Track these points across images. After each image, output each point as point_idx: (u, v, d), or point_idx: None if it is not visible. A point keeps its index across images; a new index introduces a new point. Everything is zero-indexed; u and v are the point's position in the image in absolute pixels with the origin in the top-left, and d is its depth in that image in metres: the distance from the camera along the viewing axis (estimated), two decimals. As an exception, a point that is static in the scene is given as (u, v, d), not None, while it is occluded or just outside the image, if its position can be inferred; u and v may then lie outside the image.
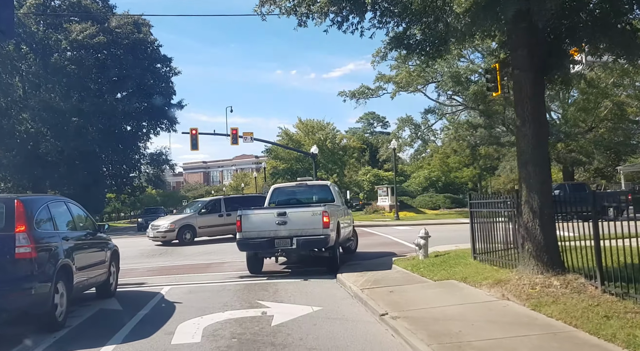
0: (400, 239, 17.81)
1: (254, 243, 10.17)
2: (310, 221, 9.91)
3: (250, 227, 10.19)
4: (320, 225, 9.79)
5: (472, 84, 32.23)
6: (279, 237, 10.00)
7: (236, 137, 35.97)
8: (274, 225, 10.03)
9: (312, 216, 9.96)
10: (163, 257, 15.68)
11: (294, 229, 9.94)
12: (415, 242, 10.98)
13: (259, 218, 10.39)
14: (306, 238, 9.85)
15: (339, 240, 10.93)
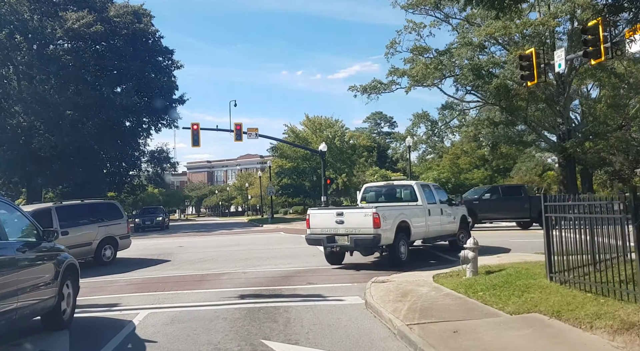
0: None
1: (318, 238, 11.43)
2: (363, 221, 10.75)
3: (316, 224, 11.57)
4: (371, 225, 10.59)
5: (494, 78, 29.92)
6: (338, 234, 11.07)
7: (240, 133, 33.82)
8: (334, 223, 11.16)
9: (364, 217, 10.76)
10: (151, 265, 13.46)
11: (349, 228, 10.92)
12: (462, 254, 8.70)
13: (322, 217, 11.59)
14: (358, 237, 10.76)
15: (407, 238, 11.70)
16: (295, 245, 17.35)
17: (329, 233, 11.15)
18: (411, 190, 12.92)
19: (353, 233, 10.80)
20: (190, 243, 19.79)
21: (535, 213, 20.15)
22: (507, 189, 23.85)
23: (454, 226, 13.84)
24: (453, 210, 13.91)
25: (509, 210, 21.29)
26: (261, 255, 14.69)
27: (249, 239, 21.29)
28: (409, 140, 30.11)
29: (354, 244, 10.88)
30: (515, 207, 21.11)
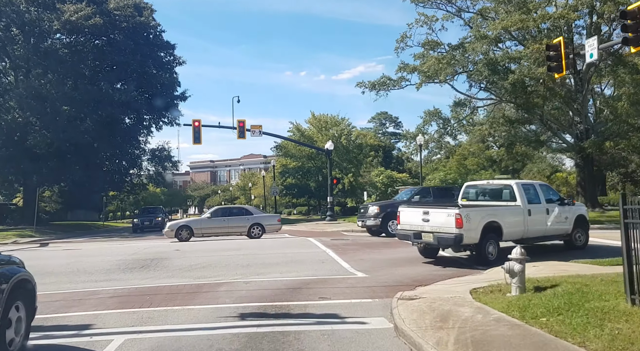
0: (446, 253, 14.09)
1: (406, 234, 12.16)
2: (446, 221, 11.13)
3: (405, 221, 12.30)
4: (454, 225, 10.92)
5: (511, 73, 28.42)
6: (424, 231, 11.61)
7: (243, 131, 32.52)
8: (421, 221, 11.72)
9: (448, 217, 11.13)
10: (144, 271, 12.07)
11: (434, 226, 11.39)
12: (506, 266, 7.26)
13: (410, 214, 12.26)
14: (442, 235, 11.16)
15: (498, 238, 11.79)
16: (301, 249, 15.94)
17: (416, 229, 11.81)
18: (510, 190, 12.81)
19: (437, 232, 11.27)
20: (189, 246, 18.39)
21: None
22: (439, 191, 22.18)
23: (565, 226, 13.37)
24: (564, 209, 13.35)
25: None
26: (264, 260, 13.29)
27: (252, 242, 19.88)
28: (420, 139, 28.65)
29: (437, 242, 11.38)
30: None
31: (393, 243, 17.16)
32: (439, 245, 11.77)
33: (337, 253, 14.23)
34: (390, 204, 20.02)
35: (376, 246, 16.24)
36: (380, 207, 19.70)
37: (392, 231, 18.37)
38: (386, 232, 19.14)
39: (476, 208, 12.20)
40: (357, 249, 15.39)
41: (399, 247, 15.85)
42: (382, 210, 19.37)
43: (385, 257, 13.62)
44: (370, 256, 13.78)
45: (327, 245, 16.43)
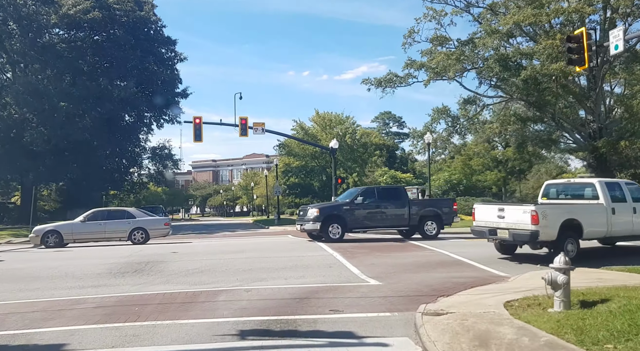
0: (461, 256, 13.14)
1: (481, 230, 12.43)
2: (522, 218, 11.26)
3: (480, 218, 12.61)
4: (529, 221, 11.04)
5: (523, 70, 27.43)
6: (500, 228, 11.83)
7: (245, 128, 31.57)
8: (496, 217, 11.96)
9: (523, 213, 11.25)
10: (136, 276, 11.13)
11: (509, 222, 11.60)
12: (548, 277, 6.27)
13: (485, 211, 12.57)
14: (517, 232, 11.34)
15: (578, 237, 11.66)
16: (306, 252, 14.97)
17: (491, 226, 12.06)
18: (592, 188, 12.71)
19: (512, 228, 11.45)
20: (187, 247, 17.46)
21: (415, 220, 18.17)
22: (385, 191, 20.31)
23: None
24: None
25: (386, 216, 18.30)
26: (267, 264, 12.34)
27: (254, 244, 18.95)
28: (428, 137, 27.65)
29: (512, 238, 11.56)
30: (393, 213, 18.28)
31: (403, 246, 16.20)
32: (514, 242, 11.91)
33: (345, 257, 13.27)
34: (331, 206, 18.62)
35: (386, 249, 15.26)
36: (320, 209, 17.75)
37: (332, 236, 17.23)
38: (326, 237, 17.27)
39: (553, 205, 12.30)
40: (366, 252, 14.42)
41: (410, 250, 14.89)
42: (322, 213, 17.49)
43: (397, 261, 12.65)
44: (380, 260, 12.81)
45: (334, 248, 15.47)
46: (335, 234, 17.29)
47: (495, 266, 11.60)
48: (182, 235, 28.05)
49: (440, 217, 18.53)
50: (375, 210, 18.15)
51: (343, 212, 17.76)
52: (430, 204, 19.80)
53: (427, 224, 18.28)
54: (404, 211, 18.21)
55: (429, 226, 18.30)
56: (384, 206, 18.32)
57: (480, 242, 16.28)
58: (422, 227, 18.23)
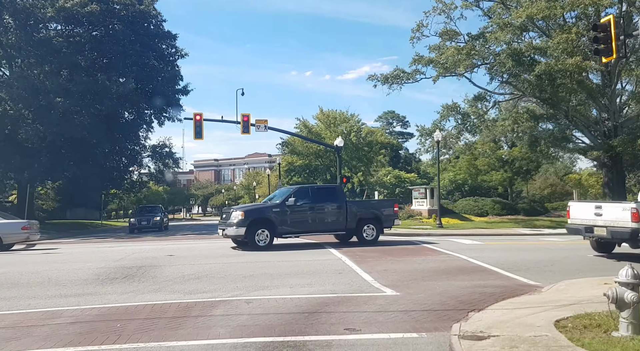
0: (481, 261, 12.06)
1: (577, 228, 12.48)
2: (621, 215, 11.31)
3: (575, 215, 12.72)
4: (629, 219, 11.03)
5: (538, 65, 26.28)
6: (597, 225, 11.91)
7: (247, 125, 30.53)
8: (593, 215, 12.08)
9: (623, 211, 11.28)
10: (126, 283, 10.06)
11: (607, 220, 11.67)
12: (612, 294, 5.17)
13: (581, 209, 12.61)
14: (616, 229, 11.39)
15: None
16: (312, 255, 13.90)
17: (588, 224, 12.15)
18: None
19: (610, 226, 11.51)
20: (185, 250, 16.38)
21: (353, 223, 16.37)
22: (320, 191, 17.94)
23: None
24: None
25: (321, 219, 16.31)
26: (270, 269, 11.28)
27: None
28: (437, 135, 26.54)
29: (611, 236, 11.57)
30: (330, 216, 16.37)
31: (417, 250, 15.11)
32: (612, 239, 11.92)
33: (354, 262, 12.20)
34: (258, 209, 16.48)
35: (398, 253, 14.18)
36: (246, 212, 15.56)
37: (259, 243, 15.15)
38: (253, 244, 15.16)
39: None
40: (377, 256, 13.33)
41: (424, 255, 13.80)
42: (248, 217, 15.28)
43: (412, 267, 11.57)
44: (394, 266, 11.73)
45: (342, 251, 14.41)
46: (263, 240, 15.20)
47: (521, 273, 10.54)
48: (182, 236, 27.02)
49: (380, 220, 16.80)
50: (310, 212, 16.13)
51: (272, 215, 15.57)
52: (370, 205, 18.15)
53: (366, 228, 16.49)
54: (341, 213, 16.30)
55: (367, 230, 16.50)
56: (320, 208, 16.31)
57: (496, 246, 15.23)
58: (360, 231, 16.49)
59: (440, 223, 26.31)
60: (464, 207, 32.27)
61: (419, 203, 31.16)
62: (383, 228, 16.98)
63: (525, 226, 26.71)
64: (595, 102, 30.32)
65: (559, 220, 29.50)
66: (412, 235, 22.48)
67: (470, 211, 31.05)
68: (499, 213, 30.88)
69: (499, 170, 54.41)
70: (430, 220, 29.01)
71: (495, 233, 23.84)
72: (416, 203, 31.58)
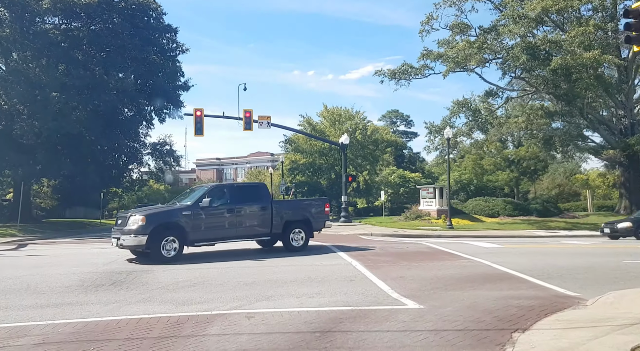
0: (506, 267, 10.94)
1: None
2: None
3: None
4: None
5: (553, 59, 25.15)
6: None
7: (250, 121, 29.49)
8: None
9: None
10: (112, 290, 8.98)
11: None
12: None
13: None
14: None
15: None
16: (319, 259, 12.78)
17: None
18: None
19: None
20: (182, 252, 15.28)
21: (279, 226, 13.90)
22: (240, 190, 14.97)
23: None
24: None
25: (242, 223, 13.55)
26: (274, 275, 10.19)
27: (258, 247, 16.74)
28: (448, 132, 25.41)
29: None
30: (252, 219, 13.77)
31: (432, 253, 13.99)
32: None
33: (366, 267, 11.10)
34: (163, 212, 13.45)
35: (413, 257, 13.05)
36: (148, 216, 12.42)
37: (166, 254, 12.29)
38: (157, 256, 12.21)
39: None
40: (391, 261, 12.22)
41: (441, 259, 12.66)
42: (151, 222, 12.22)
43: (430, 273, 10.45)
44: (410, 272, 10.61)
45: (351, 254, 13.31)
46: (170, 251, 12.39)
47: (554, 281, 9.44)
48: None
49: (309, 223, 14.48)
50: (229, 215, 13.38)
51: (182, 219, 12.68)
52: (299, 206, 15.59)
53: (294, 232, 14.14)
54: (265, 216, 13.76)
55: (295, 234, 14.18)
56: (240, 210, 13.57)
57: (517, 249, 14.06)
58: (288, 236, 14.08)
59: (451, 224, 25.20)
60: (474, 207, 31.13)
61: (428, 203, 30.03)
62: (313, 231, 14.75)
63: (539, 227, 25.58)
64: (611, 98, 29.19)
65: (574, 221, 28.37)
66: (422, 237, 21.40)
67: (481, 211, 29.90)
68: (511, 214, 29.74)
69: (505, 170, 53.40)
70: (440, 220, 27.90)
71: (509, 234, 22.73)
72: (424, 203, 30.45)
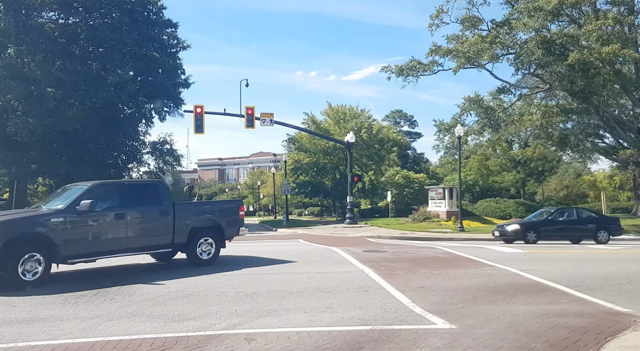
0: (537, 276, 9.80)
1: None
2: None
3: None
4: None
5: (570, 54, 23.99)
6: None
7: (252, 119, 28.44)
8: None
9: None
10: (94, 302, 7.87)
11: None
12: None
13: None
14: None
15: None
16: (327, 265, 11.66)
17: None
18: None
19: None
20: (177, 256, 14.18)
21: (183, 235, 11.07)
22: (132, 190, 11.27)
23: None
24: None
25: (134, 232, 10.49)
26: (278, 285, 9.07)
27: (260, 252, 15.64)
28: (459, 130, 24.25)
29: None
30: (148, 226, 10.79)
31: (449, 259, 12.85)
32: None
33: (381, 275, 9.98)
34: (20, 220, 9.78)
35: (430, 263, 11.91)
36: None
37: (27, 276, 8.99)
38: (15, 281, 8.91)
39: None
40: (407, 268, 11.09)
41: (461, 265, 11.50)
42: (4, 234, 8.93)
43: (454, 283, 9.31)
44: (430, 281, 9.48)
45: (362, 260, 12.19)
46: (33, 272, 9.09)
47: (596, 293, 8.31)
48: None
49: (220, 230, 11.78)
50: (117, 222, 10.28)
51: (50, 229, 9.40)
52: (207, 210, 12.27)
53: (202, 242, 11.45)
54: (166, 222, 10.86)
55: (204, 245, 11.49)
56: (134, 215, 10.52)
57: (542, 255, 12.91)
58: (194, 247, 11.35)
59: (462, 227, 24.04)
60: (485, 208, 29.97)
61: (437, 205, 28.87)
62: (225, 240, 12.04)
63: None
64: (628, 95, 28.02)
65: (591, 224, 27.14)
66: (433, 240, 20.28)
67: (492, 213, 28.75)
68: (523, 216, 28.54)
69: (511, 171, 52.40)
70: (449, 222, 26.75)
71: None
72: (433, 204, 29.30)
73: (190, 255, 11.57)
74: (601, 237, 17.82)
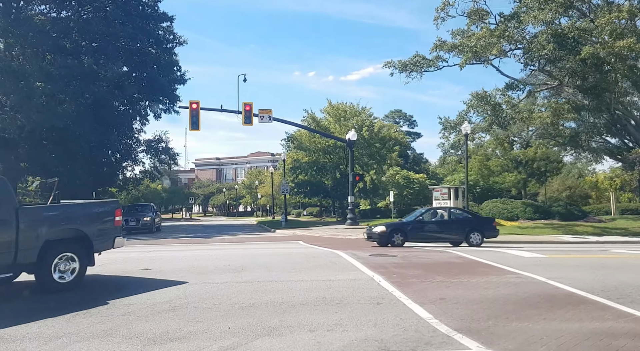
0: (568, 285, 8.73)
1: None
2: None
3: None
4: None
5: (583, 48, 22.96)
6: None
7: (250, 115, 27.36)
8: None
9: None
10: (64, 316, 6.77)
11: None
12: None
13: None
14: None
15: None
16: (332, 271, 10.55)
17: None
18: None
19: None
20: (168, 261, 13.07)
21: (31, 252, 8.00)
22: None
23: None
24: None
25: None
26: (279, 296, 7.97)
27: (259, 256, 14.55)
28: (465, 127, 23.16)
29: None
30: None
31: (466, 265, 11.74)
32: None
33: (393, 284, 8.87)
34: None
35: (445, 270, 10.81)
36: None
37: None
38: None
39: None
40: (421, 275, 9.99)
41: (482, 273, 10.35)
42: None
43: (477, 293, 8.22)
44: (450, 291, 8.38)
45: (370, 265, 11.09)
46: None
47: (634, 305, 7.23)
48: (173, 239, 23.79)
49: (88, 242, 8.88)
50: None
51: None
52: (68, 215, 8.99)
53: (60, 259, 8.41)
54: (4, 234, 7.74)
55: (62, 264, 8.43)
56: None
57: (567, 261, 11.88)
58: (48, 267, 8.27)
59: (469, 228, 22.93)
60: (491, 209, 28.91)
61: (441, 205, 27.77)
62: (93, 256, 9.12)
63: (565, 232, 23.38)
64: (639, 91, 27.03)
65: (602, 226, 26.15)
66: (441, 242, 19.20)
67: (499, 214, 27.67)
68: (531, 217, 27.54)
69: (512, 172, 51.49)
70: (455, 224, 25.62)
71: (536, 240, 20.53)
72: (437, 205, 28.20)
73: (41, 277, 8.36)
74: (473, 239, 16.80)
